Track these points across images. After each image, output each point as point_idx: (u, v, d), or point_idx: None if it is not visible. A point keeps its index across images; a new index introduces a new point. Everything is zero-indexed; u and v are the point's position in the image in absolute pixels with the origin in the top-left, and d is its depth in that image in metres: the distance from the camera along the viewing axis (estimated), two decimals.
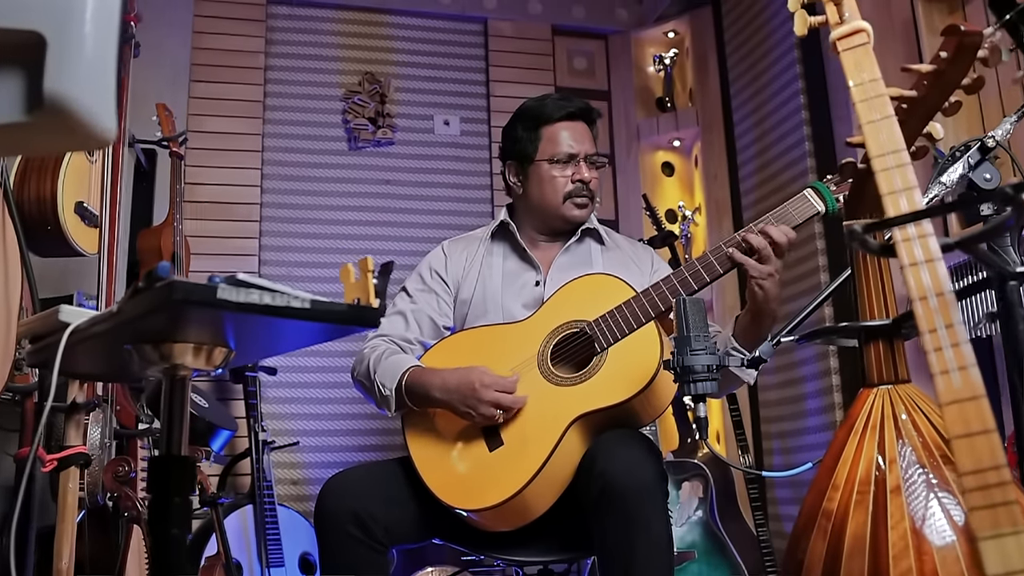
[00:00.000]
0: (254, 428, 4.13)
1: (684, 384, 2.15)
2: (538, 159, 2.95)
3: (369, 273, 1.26)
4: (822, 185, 2.54)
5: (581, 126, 2.98)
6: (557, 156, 2.92)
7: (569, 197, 2.93)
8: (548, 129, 2.96)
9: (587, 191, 2.94)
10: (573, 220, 2.95)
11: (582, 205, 2.94)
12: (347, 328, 1.26)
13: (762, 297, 2.48)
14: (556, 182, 2.93)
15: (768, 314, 2.52)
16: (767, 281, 2.47)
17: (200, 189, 4.86)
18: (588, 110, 3.01)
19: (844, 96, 4.05)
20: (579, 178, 2.92)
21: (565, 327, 2.66)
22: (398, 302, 3.01)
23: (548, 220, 2.99)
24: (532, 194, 2.98)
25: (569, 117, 2.97)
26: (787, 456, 4.49)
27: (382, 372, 2.75)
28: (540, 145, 2.96)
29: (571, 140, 2.94)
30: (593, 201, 2.98)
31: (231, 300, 1.10)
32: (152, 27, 4.85)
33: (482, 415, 2.55)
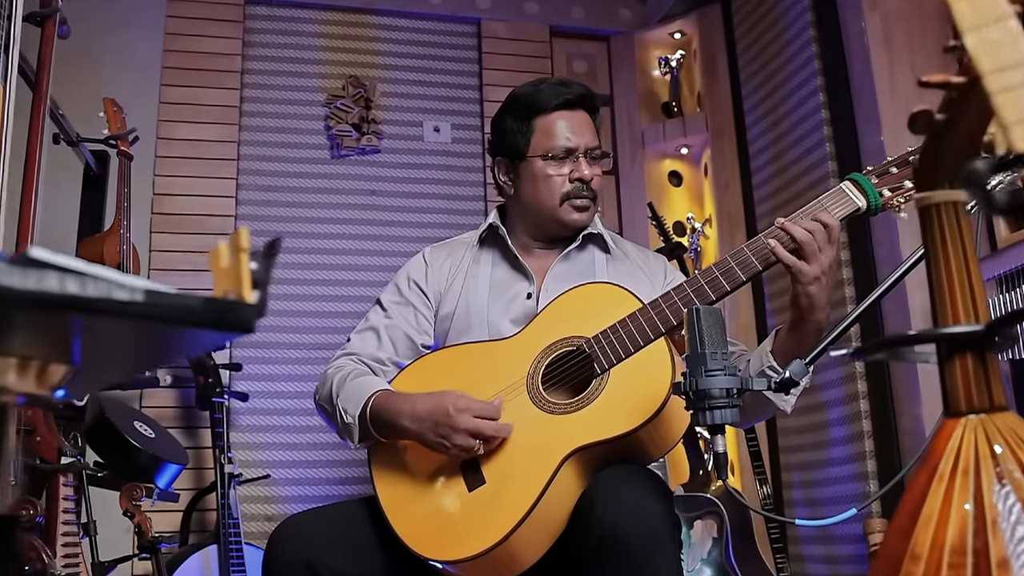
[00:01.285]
0: (220, 460, 3.77)
1: (698, 412, 1.79)
2: (531, 155, 2.56)
3: (243, 253, 0.88)
4: (862, 177, 2.16)
5: (581, 115, 2.59)
6: (552, 151, 2.53)
7: (567, 198, 2.54)
8: (542, 120, 2.57)
9: (588, 191, 2.55)
10: (572, 225, 2.57)
11: (582, 208, 2.55)
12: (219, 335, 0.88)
13: (808, 305, 2.11)
14: (552, 181, 2.54)
15: (814, 325, 2.14)
16: (814, 286, 2.09)
17: (169, 200, 4.52)
18: (589, 96, 2.62)
19: (869, 93, 3.69)
20: (578, 176, 2.53)
21: (560, 345, 2.28)
22: (371, 316, 2.64)
23: (543, 224, 2.60)
24: (525, 195, 2.60)
25: (567, 105, 2.58)
26: (809, 491, 4.09)
27: (345, 396, 2.38)
28: (533, 138, 2.57)
29: (569, 132, 2.55)
30: (595, 203, 2.60)
31: (15, 287, 0.71)
32: (120, 28, 4.59)
33: (459, 446, 2.17)
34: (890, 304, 3.54)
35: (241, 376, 4.36)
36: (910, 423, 3.51)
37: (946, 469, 1.14)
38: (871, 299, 1.90)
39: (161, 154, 4.56)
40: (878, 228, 3.69)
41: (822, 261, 2.08)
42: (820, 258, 2.07)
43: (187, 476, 4.17)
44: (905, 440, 3.55)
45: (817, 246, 2.07)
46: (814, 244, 2.07)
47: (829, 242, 2.09)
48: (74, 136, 3.49)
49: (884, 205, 2.14)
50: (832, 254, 2.10)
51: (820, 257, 2.07)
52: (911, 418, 3.50)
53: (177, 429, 4.25)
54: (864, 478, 3.71)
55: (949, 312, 1.19)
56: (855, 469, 3.77)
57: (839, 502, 3.86)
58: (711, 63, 5.05)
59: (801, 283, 2.08)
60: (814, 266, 2.07)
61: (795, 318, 2.14)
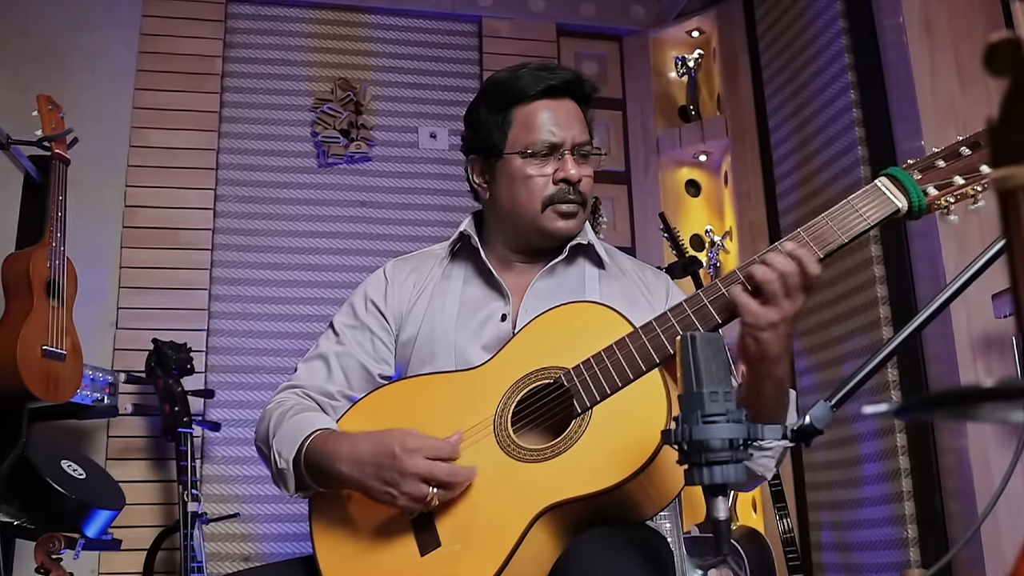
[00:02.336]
0: (183, 497, 3.41)
1: (693, 468, 1.40)
2: (508, 151, 2.15)
3: None
4: (902, 172, 1.75)
5: (568, 105, 2.17)
6: (533, 147, 2.12)
7: (550, 203, 2.11)
8: (521, 110, 2.15)
9: (575, 194, 2.12)
10: (555, 234, 2.15)
11: (568, 214, 2.13)
12: None
13: (756, 353, 1.72)
14: (532, 183, 2.12)
15: (766, 378, 1.75)
16: (766, 332, 1.69)
17: (142, 213, 4.22)
18: (578, 82, 2.20)
19: (906, 89, 3.30)
20: (563, 177, 2.10)
21: (535, 376, 1.88)
22: (321, 342, 2.25)
23: (523, 234, 2.19)
24: (501, 199, 2.19)
25: (550, 93, 2.15)
26: (839, 533, 3.69)
27: (281, 437, 1.99)
28: (511, 132, 2.15)
29: (553, 124, 2.12)
30: (585, 208, 2.17)
31: None
32: (93, 30, 4.28)
33: (408, 495, 1.77)
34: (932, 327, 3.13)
35: (216, 403, 4.03)
36: (953, 460, 3.11)
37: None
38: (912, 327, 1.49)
39: (134, 163, 4.28)
40: (917, 239, 3.30)
41: (784, 307, 1.68)
42: (782, 304, 1.68)
43: (154, 512, 3.89)
44: (948, 480, 3.15)
45: (784, 290, 1.67)
46: (779, 287, 1.67)
47: (802, 290, 1.69)
48: (3, 138, 3.13)
49: (929, 206, 1.73)
50: (800, 304, 1.70)
51: (782, 303, 1.68)
52: (955, 454, 3.10)
53: (145, 461, 3.94)
54: (901, 522, 3.31)
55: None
56: (891, 511, 3.37)
57: (873, 548, 3.46)
58: (731, 62, 4.71)
59: (747, 325, 1.70)
60: (770, 310, 1.68)
61: (746, 365, 1.76)
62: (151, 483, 3.90)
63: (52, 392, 3.01)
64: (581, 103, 2.20)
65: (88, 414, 3.61)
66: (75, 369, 3.18)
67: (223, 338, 4.20)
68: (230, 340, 4.21)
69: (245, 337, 4.22)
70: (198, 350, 3.99)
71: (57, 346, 3.08)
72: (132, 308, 4.09)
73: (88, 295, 3.96)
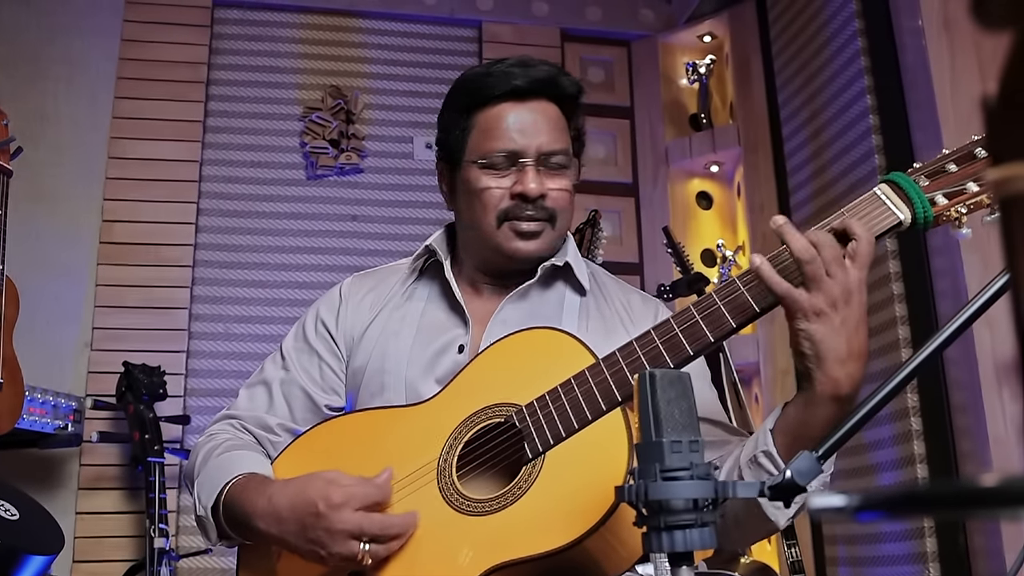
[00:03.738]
0: (150, 532, 3.20)
1: (651, 533, 1.15)
2: (467, 159, 1.90)
3: None
4: (905, 178, 1.50)
5: (538, 107, 1.87)
6: (489, 156, 1.85)
7: (506, 219, 1.84)
8: (484, 114, 1.88)
9: (537, 211, 1.84)
10: (514, 255, 1.86)
11: (527, 234, 1.83)
12: None
13: (811, 354, 1.42)
14: (487, 196, 1.84)
15: (827, 390, 1.44)
16: (816, 325, 1.41)
17: (120, 228, 4.04)
18: (551, 82, 1.90)
19: (925, 93, 3.07)
20: (519, 191, 1.83)
21: (484, 414, 1.63)
22: (267, 366, 2.00)
23: (484, 253, 1.93)
24: (461, 212, 1.93)
25: (516, 94, 1.87)
26: (857, 569, 3.46)
27: (204, 479, 1.76)
28: (471, 138, 1.89)
29: (515, 130, 1.84)
30: (554, 225, 1.90)
31: None
32: (71, 36, 4.11)
33: (338, 555, 1.53)
34: (954, 349, 2.89)
35: (195, 429, 3.84)
36: None
37: None
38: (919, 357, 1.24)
39: (112, 175, 4.10)
40: (938, 255, 3.06)
41: (828, 289, 1.41)
42: (825, 285, 1.41)
43: (126, 545, 3.72)
44: None
45: (824, 267, 1.40)
46: (817, 263, 1.40)
47: (849, 262, 1.42)
48: None
49: (937, 217, 1.47)
50: (852, 280, 1.42)
51: (826, 284, 1.41)
52: None
53: (118, 491, 3.74)
54: (922, 560, 3.07)
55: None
56: (912, 548, 3.13)
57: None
58: (744, 68, 4.50)
59: (795, 318, 1.42)
60: (814, 295, 1.40)
61: (801, 375, 1.48)
62: (123, 514, 3.71)
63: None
64: (562, 105, 1.93)
65: (50, 442, 3.41)
66: (13, 398, 2.95)
67: (204, 360, 4.01)
68: (211, 362, 4.01)
69: (227, 359, 4.02)
70: (177, 373, 3.81)
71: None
72: (108, 328, 3.90)
73: (62, 314, 3.79)
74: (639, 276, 4.37)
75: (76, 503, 3.68)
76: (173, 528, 3.62)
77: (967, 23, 2.98)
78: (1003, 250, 0.56)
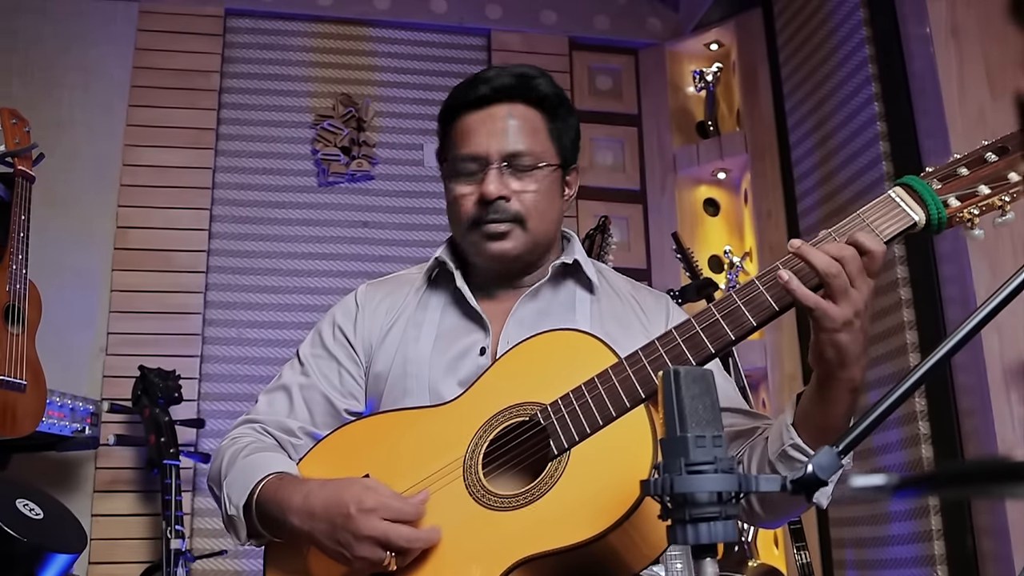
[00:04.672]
0: (166, 534, 3.23)
1: (676, 525, 1.18)
2: (446, 170, 1.97)
3: None
4: (919, 181, 1.54)
5: (502, 111, 1.90)
6: (455, 164, 1.92)
7: (475, 224, 1.90)
8: (456, 124, 1.94)
9: (499, 212, 1.88)
10: (491, 257, 1.92)
11: (494, 235, 1.88)
12: None
13: (836, 359, 1.49)
14: (458, 203, 1.91)
15: (847, 384, 1.52)
16: (844, 333, 1.47)
17: (134, 234, 4.07)
18: (522, 84, 1.94)
19: (933, 100, 3.11)
20: (479, 193, 1.88)
21: (509, 413, 1.67)
22: (285, 372, 2.05)
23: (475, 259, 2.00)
24: (450, 222, 2.00)
25: (480, 102, 1.92)
26: (864, 573, 3.47)
27: (232, 479, 1.80)
28: (448, 148, 1.97)
29: (477, 136, 1.89)
30: (524, 226, 1.91)
31: None
32: (86, 45, 4.15)
33: (362, 558, 1.57)
34: (963, 354, 2.92)
35: (208, 433, 3.88)
36: None
37: None
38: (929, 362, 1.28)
39: (126, 182, 4.14)
40: (946, 262, 3.09)
41: (854, 299, 1.47)
42: (852, 296, 1.46)
43: (141, 547, 3.74)
44: (981, 518, 2.95)
45: (848, 280, 1.45)
46: (843, 277, 1.45)
47: (867, 273, 1.48)
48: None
49: (950, 219, 1.52)
50: (869, 289, 1.49)
51: (852, 294, 1.46)
52: None
53: (133, 493, 3.77)
54: (930, 563, 3.09)
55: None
56: (920, 551, 3.15)
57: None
58: (751, 76, 4.54)
59: (826, 330, 1.47)
60: (843, 307, 1.46)
61: (821, 376, 1.53)
62: (139, 516, 3.74)
63: (8, 426, 2.83)
64: (541, 107, 1.97)
65: (68, 445, 3.44)
66: (37, 400, 3.00)
67: (217, 365, 4.05)
68: (224, 367, 4.05)
69: (240, 364, 4.05)
70: (191, 377, 3.85)
71: (16, 376, 2.89)
72: (123, 334, 3.95)
73: (77, 320, 3.83)
74: (647, 282, 4.40)
75: (92, 505, 3.72)
76: (188, 530, 3.66)
77: (975, 31, 3.03)
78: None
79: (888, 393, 1.29)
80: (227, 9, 4.43)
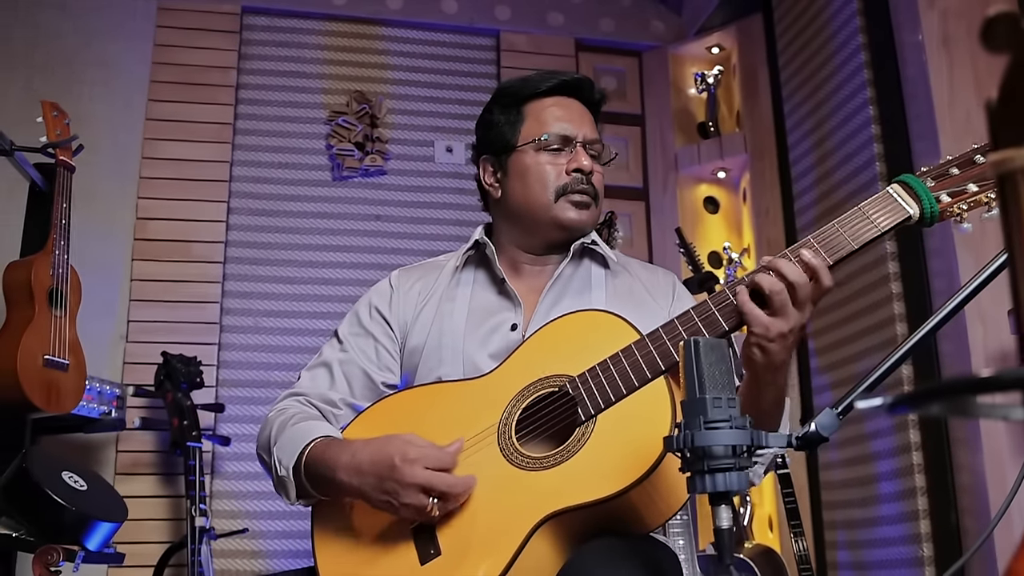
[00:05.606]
0: (191, 512, 3.37)
1: (695, 476, 1.37)
2: (520, 144, 2.14)
3: None
4: (915, 179, 1.71)
5: (578, 106, 2.18)
6: (546, 137, 2.11)
7: (563, 193, 2.09)
8: (533, 105, 2.16)
9: (588, 185, 2.10)
10: (569, 225, 2.11)
11: (582, 204, 2.10)
12: None
13: (762, 363, 1.69)
14: (544, 171, 2.10)
15: (773, 391, 1.74)
16: (774, 343, 1.65)
17: (154, 225, 4.19)
18: (588, 85, 2.20)
19: (924, 105, 3.26)
20: (576, 166, 2.09)
21: (540, 385, 1.84)
22: (325, 350, 2.21)
23: (536, 228, 2.15)
24: (513, 194, 2.16)
25: (562, 89, 2.17)
26: (855, 552, 3.63)
27: (282, 444, 1.96)
28: (523, 127, 2.15)
29: (566, 120, 2.13)
30: (597, 203, 2.14)
31: None
32: (106, 41, 4.26)
33: (408, 505, 1.73)
34: (948, 343, 3.08)
35: (226, 418, 4.00)
36: (969, 479, 3.06)
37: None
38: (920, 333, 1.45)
39: (146, 175, 4.25)
40: (935, 257, 3.25)
41: (792, 317, 1.65)
42: (790, 313, 1.65)
43: (162, 528, 3.86)
44: (964, 498, 3.10)
45: (793, 300, 1.65)
46: (787, 297, 1.64)
47: (812, 302, 1.67)
48: (7, 145, 3.11)
49: (942, 213, 1.69)
50: (808, 312, 1.67)
51: (790, 313, 1.65)
52: (971, 473, 3.05)
53: (153, 476, 3.90)
54: (916, 541, 3.25)
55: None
56: (907, 530, 3.31)
57: (888, 567, 3.40)
58: (751, 78, 4.67)
59: (756, 335, 1.66)
60: (779, 321, 1.65)
61: (750, 374, 1.73)
62: (159, 498, 3.87)
63: (54, 403, 2.97)
64: (592, 108, 2.19)
65: (95, 427, 3.57)
66: (78, 379, 3.14)
67: (234, 352, 4.17)
68: (241, 354, 4.18)
69: (256, 351, 4.18)
70: (209, 364, 3.96)
71: (59, 355, 3.04)
72: (142, 321, 4.07)
73: (98, 308, 3.93)
74: None
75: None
76: None
77: (965, 41, 3.19)
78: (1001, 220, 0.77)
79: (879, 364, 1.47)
80: (244, 7, 4.54)
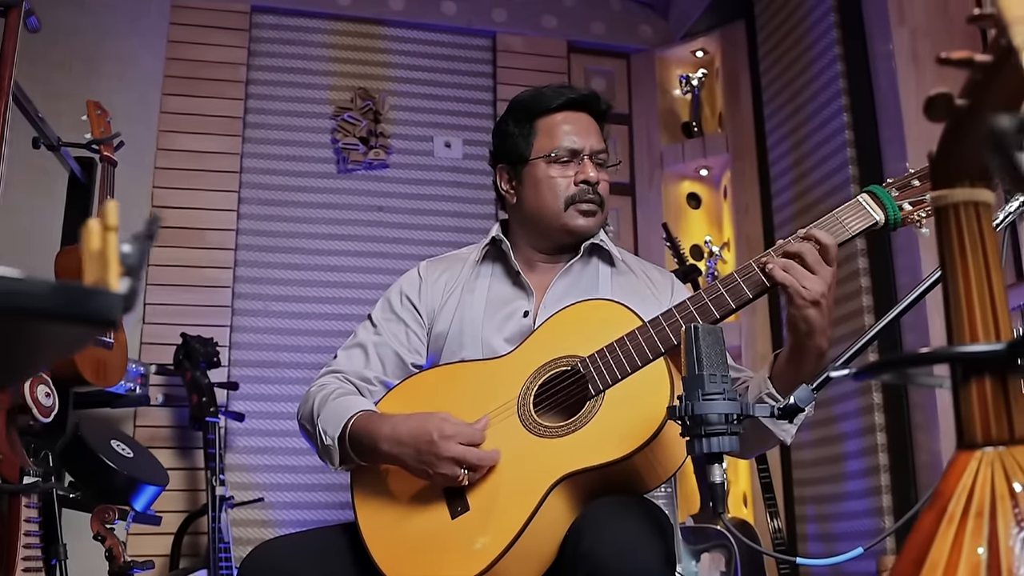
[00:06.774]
0: (211, 482, 3.62)
1: (694, 439, 1.63)
2: (533, 157, 2.41)
3: (111, 233, 0.72)
4: (881, 189, 2.00)
5: (585, 118, 2.44)
6: (556, 152, 2.37)
7: (572, 202, 2.37)
8: (544, 121, 2.42)
9: (594, 195, 2.38)
10: (577, 231, 2.40)
11: (588, 212, 2.38)
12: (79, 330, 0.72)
13: (806, 330, 1.92)
14: (555, 184, 2.37)
15: (815, 351, 1.95)
16: (812, 309, 1.90)
17: (169, 213, 4.37)
18: (594, 99, 2.47)
19: (894, 114, 3.53)
20: (583, 178, 2.36)
21: (554, 364, 2.12)
22: (359, 332, 2.48)
23: (548, 233, 2.44)
24: (527, 201, 2.43)
25: (570, 105, 2.43)
26: (823, 525, 3.91)
27: (326, 416, 2.22)
28: (535, 140, 2.41)
29: (573, 133, 2.39)
30: (603, 208, 2.43)
31: None
32: (121, 37, 4.44)
33: (442, 475, 2.01)
34: (910, 334, 3.37)
35: (239, 395, 4.22)
36: (927, 458, 3.34)
37: (957, 509, 0.97)
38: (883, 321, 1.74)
39: (161, 165, 4.44)
40: (900, 254, 3.53)
41: (816, 282, 1.90)
42: (811, 280, 1.90)
43: (179, 498, 4.04)
44: (922, 475, 3.38)
45: (808, 267, 1.91)
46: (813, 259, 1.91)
47: (823, 263, 1.92)
48: (55, 140, 3.34)
49: (904, 219, 1.98)
50: (829, 275, 1.92)
51: (812, 279, 1.90)
52: (929, 453, 3.33)
53: (171, 449, 4.12)
54: (879, 514, 3.53)
55: (966, 329, 1.03)
56: (870, 504, 3.60)
57: (852, 538, 3.68)
58: (733, 82, 4.90)
59: (796, 306, 1.91)
60: (813, 287, 1.90)
61: (794, 344, 1.97)
62: (176, 471, 4.04)
63: (102, 377, 3.19)
64: (598, 119, 2.46)
65: (121, 403, 3.78)
66: (121, 357, 3.38)
67: (246, 334, 4.38)
68: (252, 336, 4.38)
69: (266, 334, 4.39)
70: (222, 345, 4.13)
71: (106, 335, 3.29)
72: (159, 304, 4.27)
73: None
74: None
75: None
76: None
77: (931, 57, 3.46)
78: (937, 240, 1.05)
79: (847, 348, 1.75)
80: (253, 6, 4.72)
